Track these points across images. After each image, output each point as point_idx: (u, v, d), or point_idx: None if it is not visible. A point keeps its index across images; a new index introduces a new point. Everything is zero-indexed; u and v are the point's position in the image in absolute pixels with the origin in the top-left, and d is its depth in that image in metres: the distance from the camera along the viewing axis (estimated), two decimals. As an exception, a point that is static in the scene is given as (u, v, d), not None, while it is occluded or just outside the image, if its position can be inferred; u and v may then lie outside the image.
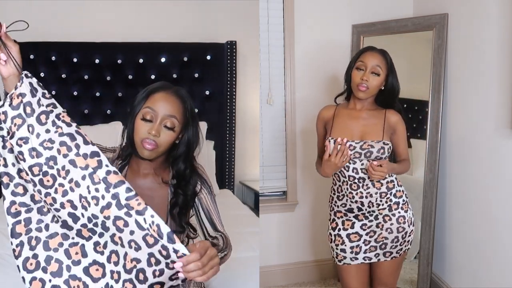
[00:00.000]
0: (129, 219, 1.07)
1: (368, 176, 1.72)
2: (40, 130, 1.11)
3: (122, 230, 1.09)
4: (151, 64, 3.20)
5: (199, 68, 3.28)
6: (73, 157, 1.11)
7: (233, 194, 3.26)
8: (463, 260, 2.29)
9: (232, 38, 3.29)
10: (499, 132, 1.97)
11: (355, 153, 1.71)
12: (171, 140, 1.32)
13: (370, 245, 1.79)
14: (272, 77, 2.65)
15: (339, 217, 1.83)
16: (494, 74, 1.99)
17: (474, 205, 2.17)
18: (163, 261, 1.05)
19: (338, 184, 1.81)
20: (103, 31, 3.18)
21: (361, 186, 1.74)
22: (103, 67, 3.16)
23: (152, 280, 1.07)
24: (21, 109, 1.10)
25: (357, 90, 1.73)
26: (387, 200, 1.76)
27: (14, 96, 1.10)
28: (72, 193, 1.12)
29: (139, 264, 1.08)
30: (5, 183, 1.10)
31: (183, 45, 3.23)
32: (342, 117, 1.81)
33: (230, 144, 3.35)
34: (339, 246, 1.83)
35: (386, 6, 2.66)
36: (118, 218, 1.09)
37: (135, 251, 1.08)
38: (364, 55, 1.75)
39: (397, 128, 1.77)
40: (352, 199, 1.77)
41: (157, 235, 1.03)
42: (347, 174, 1.75)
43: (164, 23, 3.31)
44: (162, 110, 1.29)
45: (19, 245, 1.12)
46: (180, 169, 1.38)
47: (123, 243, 1.10)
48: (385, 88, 1.76)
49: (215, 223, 1.44)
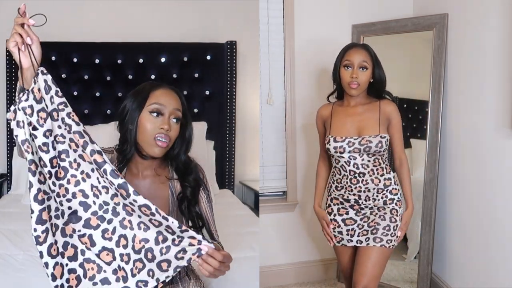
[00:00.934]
0: (135, 207, 1.19)
1: (368, 172, 1.78)
2: (53, 126, 1.17)
3: (131, 214, 1.21)
4: (151, 64, 3.20)
5: (199, 68, 3.28)
6: (81, 153, 1.20)
7: (233, 194, 3.26)
8: (463, 260, 2.29)
9: (232, 38, 3.29)
10: (499, 132, 1.97)
11: (354, 149, 1.76)
12: (178, 134, 1.36)
13: (363, 229, 1.83)
14: (272, 77, 2.65)
15: (335, 204, 1.88)
16: (494, 74, 1.99)
17: (474, 205, 2.17)
18: (170, 237, 1.18)
19: (338, 176, 1.85)
20: (103, 31, 3.18)
21: (360, 181, 1.79)
22: (103, 67, 3.16)
23: (160, 258, 1.18)
24: (43, 103, 1.15)
25: (349, 88, 1.78)
26: (383, 196, 1.80)
27: (35, 91, 1.14)
28: (84, 183, 1.21)
29: (147, 243, 1.19)
30: (33, 170, 1.14)
31: (183, 45, 3.23)
32: (339, 115, 1.86)
33: (230, 144, 3.35)
34: (336, 229, 1.88)
35: (386, 6, 2.66)
36: (126, 204, 1.20)
37: (144, 231, 1.20)
38: (349, 52, 1.79)
39: (391, 117, 1.80)
40: (351, 192, 1.82)
41: (161, 218, 1.16)
42: (348, 169, 1.79)
43: (164, 23, 3.30)
44: (169, 104, 1.32)
45: (44, 231, 1.16)
46: (182, 161, 1.41)
47: (132, 226, 1.21)
48: (374, 80, 1.80)
49: (212, 233, 1.45)
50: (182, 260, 1.16)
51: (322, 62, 2.63)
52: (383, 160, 1.81)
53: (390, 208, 1.81)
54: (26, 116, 1.12)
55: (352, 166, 1.78)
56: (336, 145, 1.79)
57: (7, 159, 3.12)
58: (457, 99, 2.29)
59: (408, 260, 2.50)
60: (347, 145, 1.77)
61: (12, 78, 3.04)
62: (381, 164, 1.80)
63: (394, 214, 1.81)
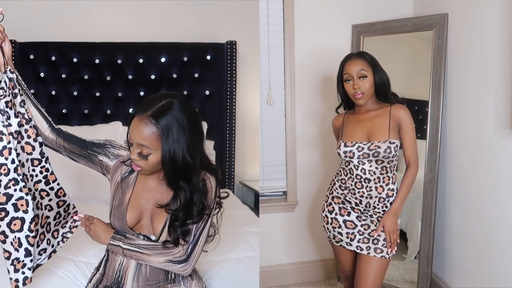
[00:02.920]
0: (51, 192, 1.49)
1: (374, 179, 1.79)
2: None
3: (43, 198, 1.46)
4: (151, 64, 3.20)
5: (199, 68, 3.27)
6: (23, 145, 1.39)
7: (233, 194, 3.26)
8: (463, 260, 2.29)
9: (232, 38, 3.29)
10: (499, 132, 1.97)
11: (363, 154, 1.78)
12: (153, 162, 1.31)
13: (364, 236, 1.84)
14: (272, 77, 2.65)
15: (337, 202, 1.89)
16: (494, 74, 1.99)
17: (474, 205, 2.17)
18: (63, 214, 1.54)
19: (344, 177, 1.87)
20: (103, 31, 3.18)
21: (364, 187, 1.80)
22: (103, 67, 3.16)
23: (55, 227, 1.53)
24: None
25: (355, 99, 1.82)
26: (383, 205, 1.82)
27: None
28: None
29: (48, 219, 1.50)
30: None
31: (183, 45, 3.23)
32: (351, 122, 1.90)
33: (230, 144, 3.35)
34: (336, 229, 1.89)
35: (386, 6, 2.66)
36: (42, 190, 1.46)
37: (48, 211, 1.49)
38: (346, 66, 1.83)
39: (401, 121, 1.80)
40: (353, 195, 1.84)
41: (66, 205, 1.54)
42: (355, 172, 1.81)
43: (164, 23, 3.30)
44: (134, 138, 1.30)
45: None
46: (175, 188, 1.36)
47: (41, 207, 1.46)
48: (376, 85, 1.82)
49: (185, 242, 1.40)
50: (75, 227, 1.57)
51: (323, 62, 2.63)
52: (391, 169, 1.81)
53: None
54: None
55: (360, 171, 1.80)
56: (346, 150, 1.82)
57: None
58: (457, 99, 2.29)
59: (408, 260, 2.50)
60: (356, 150, 1.79)
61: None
62: (388, 172, 1.80)
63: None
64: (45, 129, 1.45)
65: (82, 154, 1.47)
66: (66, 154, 1.49)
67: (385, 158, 1.76)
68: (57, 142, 1.46)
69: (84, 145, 1.47)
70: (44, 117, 1.45)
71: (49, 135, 1.45)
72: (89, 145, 1.47)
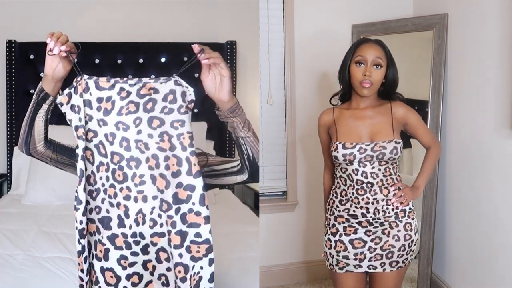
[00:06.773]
0: (175, 255, 1.06)
1: (377, 182, 1.61)
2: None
3: (162, 262, 1.10)
4: (151, 64, 3.20)
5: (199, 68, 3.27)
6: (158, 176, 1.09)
7: (233, 194, 3.26)
8: (463, 260, 2.29)
9: (232, 38, 3.29)
10: (499, 132, 1.97)
11: (366, 156, 1.59)
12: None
13: (376, 253, 1.63)
14: (272, 77, 2.65)
15: (340, 222, 1.66)
16: (494, 74, 1.99)
17: (474, 205, 2.17)
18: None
19: (343, 187, 1.66)
20: (103, 31, 3.18)
21: (368, 192, 1.60)
22: (103, 67, 3.16)
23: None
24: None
25: (360, 88, 1.59)
26: (393, 208, 1.63)
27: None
28: (135, 203, 1.11)
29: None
30: (86, 157, 1.13)
31: (183, 45, 3.22)
32: (346, 119, 1.66)
33: (230, 144, 3.35)
34: (341, 253, 1.65)
35: (386, 6, 2.66)
36: (163, 250, 1.09)
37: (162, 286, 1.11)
38: (362, 47, 1.60)
39: (407, 119, 1.65)
40: (358, 204, 1.62)
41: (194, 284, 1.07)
42: (355, 178, 1.61)
43: (164, 23, 3.30)
44: None
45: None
46: None
47: (153, 272, 1.11)
48: (386, 81, 1.63)
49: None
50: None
51: (323, 62, 2.63)
52: (395, 171, 1.64)
53: (404, 223, 1.63)
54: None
55: (360, 175, 1.60)
56: (346, 152, 1.59)
57: (7, 159, 3.12)
58: (457, 99, 2.29)
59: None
60: (358, 152, 1.59)
61: (12, 79, 3.04)
62: (391, 174, 1.63)
63: (409, 229, 1.64)
64: (40, 144, 1.30)
65: (70, 164, 1.34)
66: (52, 164, 1.36)
67: (390, 159, 1.59)
68: (45, 154, 1.33)
69: (73, 154, 1.31)
70: (46, 131, 1.31)
71: (41, 149, 1.31)
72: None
